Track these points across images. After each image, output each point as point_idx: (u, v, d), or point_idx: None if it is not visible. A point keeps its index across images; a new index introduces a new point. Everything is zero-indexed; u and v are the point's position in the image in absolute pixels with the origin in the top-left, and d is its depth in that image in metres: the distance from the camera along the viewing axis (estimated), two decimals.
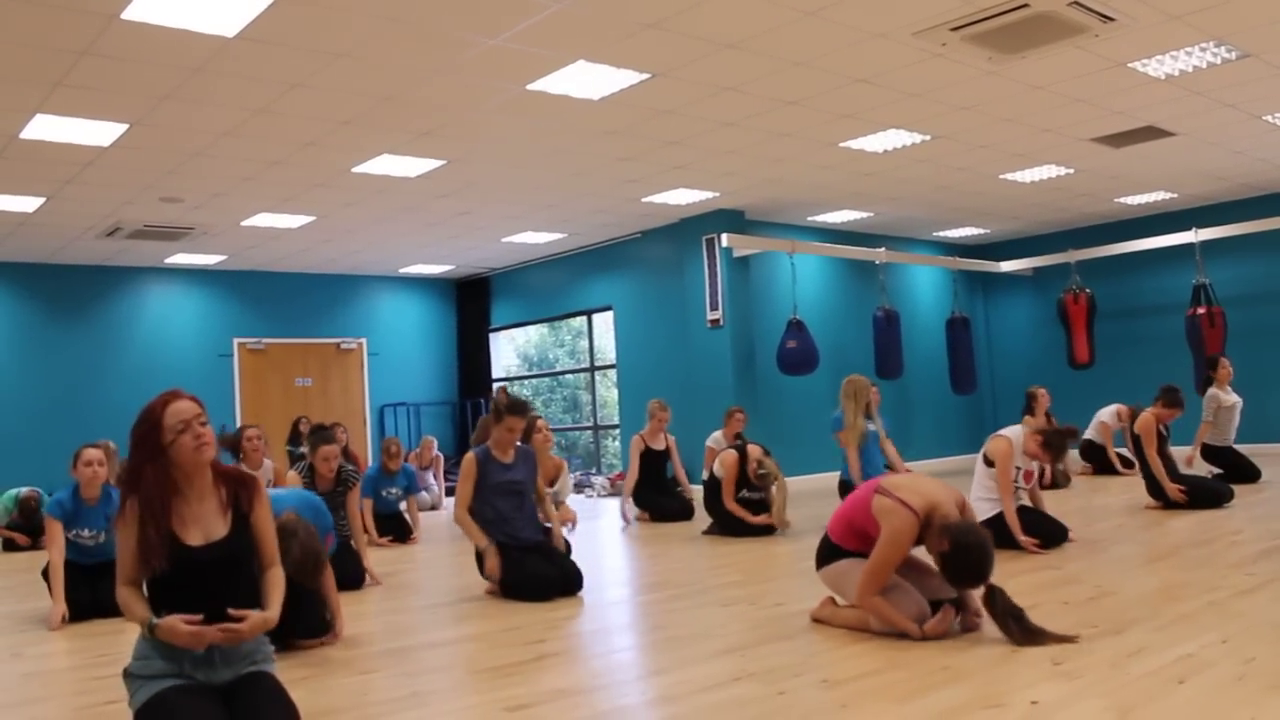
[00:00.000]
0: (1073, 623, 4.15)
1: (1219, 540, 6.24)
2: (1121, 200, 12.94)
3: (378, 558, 7.17)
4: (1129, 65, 7.55)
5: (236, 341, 14.10)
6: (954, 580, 4.11)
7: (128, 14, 5.57)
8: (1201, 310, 12.01)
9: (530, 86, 7.29)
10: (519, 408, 5.87)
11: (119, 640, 4.68)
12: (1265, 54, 7.47)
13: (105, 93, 6.82)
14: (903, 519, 4.11)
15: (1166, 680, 3.33)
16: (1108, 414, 11.36)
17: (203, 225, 11.07)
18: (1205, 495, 7.80)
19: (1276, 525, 6.74)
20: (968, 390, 14.16)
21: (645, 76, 7.22)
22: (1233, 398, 9.62)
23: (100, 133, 7.67)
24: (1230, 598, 4.49)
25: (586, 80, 7.22)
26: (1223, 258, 12.86)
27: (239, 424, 13.66)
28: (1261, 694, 3.14)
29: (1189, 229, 12.70)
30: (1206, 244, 12.56)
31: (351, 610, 4.95)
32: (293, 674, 3.48)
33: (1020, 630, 3.91)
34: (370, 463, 12.56)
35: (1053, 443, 6.33)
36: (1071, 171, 11.07)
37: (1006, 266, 15.00)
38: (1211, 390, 9.54)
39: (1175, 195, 12.78)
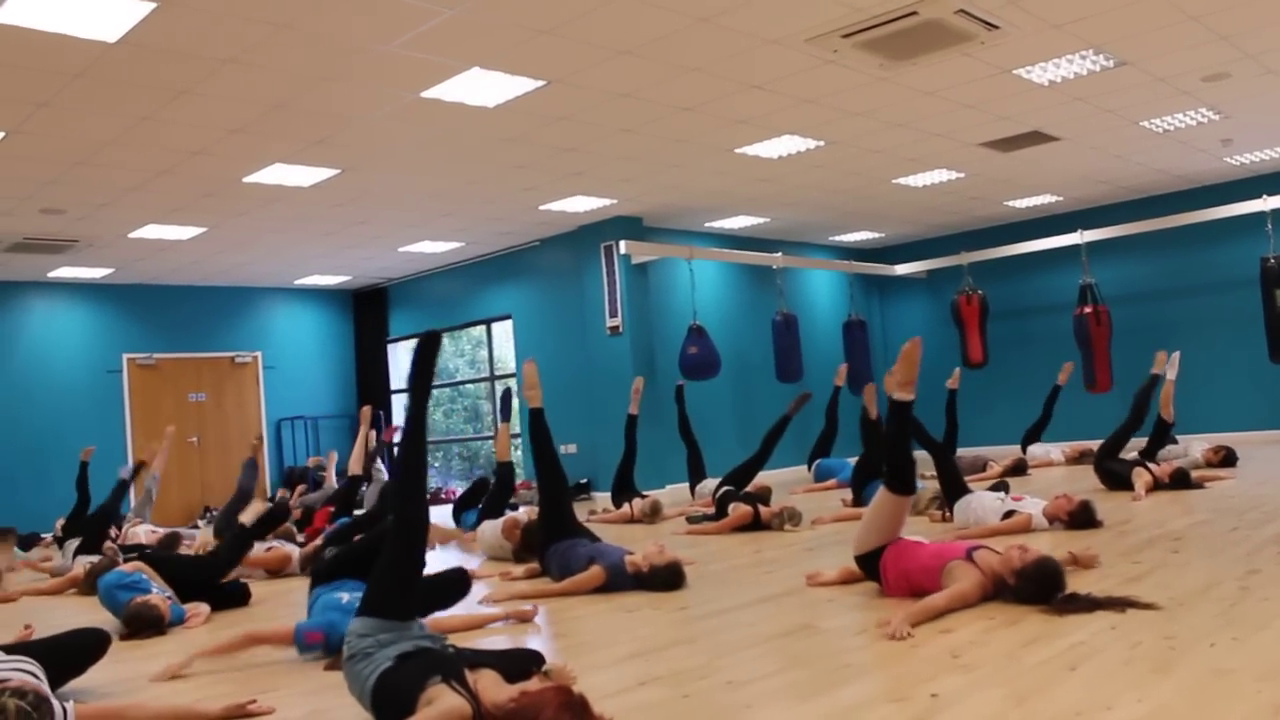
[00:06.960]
0: (969, 616, 4.24)
1: (1109, 530, 6.43)
2: (1010, 203, 13.29)
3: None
4: (1014, 72, 7.75)
5: (126, 357, 13.67)
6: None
7: (1, 17, 5.37)
8: (1088, 309, 12.37)
9: (424, 94, 7.22)
10: None
11: None
12: (1141, 62, 7.74)
13: None
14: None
15: (1060, 668, 3.42)
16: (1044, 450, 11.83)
17: (88, 237, 10.73)
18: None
19: (1160, 515, 6.98)
20: None
21: (540, 83, 7.20)
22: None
23: None
24: (1118, 585, 4.62)
25: (481, 87, 7.17)
26: (1107, 258, 13.30)
27: (130, 440, 13.31)
28: (1146, 676, 3.25)
29: (1075, 231, 13.10)
30: (1092, 245, 12.95)
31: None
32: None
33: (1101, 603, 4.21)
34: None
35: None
36: (962, 176, 11.33)
37: (901, 269, 15.30)
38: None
39: (1061, 198, 13.17)
